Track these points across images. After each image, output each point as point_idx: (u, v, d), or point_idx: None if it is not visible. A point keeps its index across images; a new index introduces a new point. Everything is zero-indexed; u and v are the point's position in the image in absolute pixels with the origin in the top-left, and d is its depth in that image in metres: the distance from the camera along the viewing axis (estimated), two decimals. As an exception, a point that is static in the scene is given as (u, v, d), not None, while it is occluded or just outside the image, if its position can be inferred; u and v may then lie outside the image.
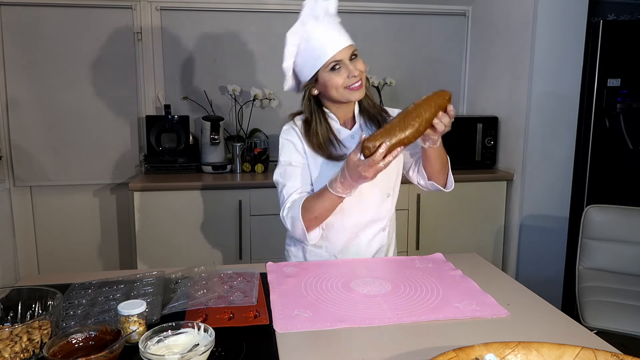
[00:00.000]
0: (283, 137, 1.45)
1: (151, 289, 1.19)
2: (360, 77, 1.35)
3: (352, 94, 1.36)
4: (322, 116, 1.42)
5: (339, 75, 1.33)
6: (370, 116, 1.46)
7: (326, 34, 1.33)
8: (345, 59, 1.33)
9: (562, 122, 2.61)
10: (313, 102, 1.42)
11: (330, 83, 1.34)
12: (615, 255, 2.20)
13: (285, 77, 1.44)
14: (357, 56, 1.36)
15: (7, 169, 2.79)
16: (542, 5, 2.48)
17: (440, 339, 0.98)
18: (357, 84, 1.35)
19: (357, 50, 1.36)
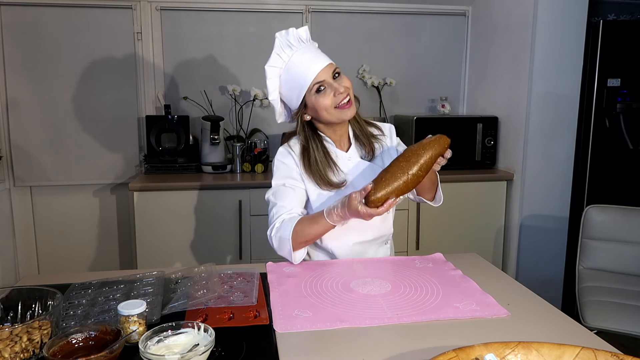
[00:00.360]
0: (279, 160, 1.45)
1: (151, 289, 1.19)
2: (348, 93, 1.35)
3: (343, 113, 1.35)
4: (318, 141, 1.42)
5: (325, 96, 1.33)
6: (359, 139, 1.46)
7: (303, 58, 1.33)
8: (327, 78, 1.33)
9: (562, 122, 2.61)
10: (308, 128, 1.42)
11: (319, 106, 1.34)
12: (615, 255, 2.20)
13: (275, 110, 1.45)
14: (340, 74, 1.36)
15: (7, 169, 2.79)
16: (542, 5, 2.48)
17: (440, 339, 0.98)
18: (346, 100, 1.34)
19: (339, 68, 1.36)
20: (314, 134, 1.42)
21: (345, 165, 1.44)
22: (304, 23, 2.94)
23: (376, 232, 1.47)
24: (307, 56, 1.34)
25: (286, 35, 1.35)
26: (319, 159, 1.39)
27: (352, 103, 1.36)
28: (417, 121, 2.76)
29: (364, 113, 1.55)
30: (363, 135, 1.46)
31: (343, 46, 3.01)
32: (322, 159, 1.40)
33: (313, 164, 1.39)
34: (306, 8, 2.94)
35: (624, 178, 2.67)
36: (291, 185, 1.41)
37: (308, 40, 1.38)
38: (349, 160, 1.44)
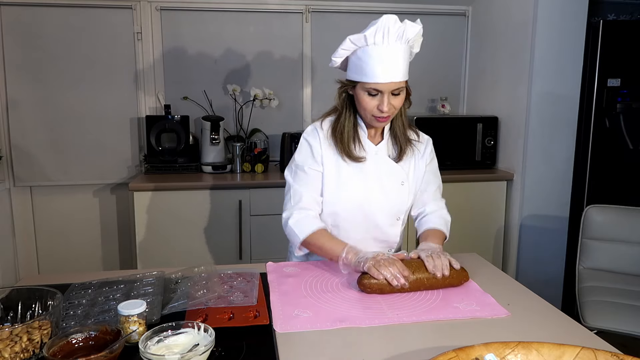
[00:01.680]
0: (304, 137, 1.44)
1: (151, 289, 1.19)
2: (390, 114, 1.34)
3: (375, 122, 1.36)
4: (352, 114, 1.41)
5: (372, 100, 1.32)
6: (396, 137, 1.45)
7: (384, 58, 1.29)
8: (386, 91, 1.31)
9: (562, 122, 2.61)
10: (347, 97, 1.40)
11: (361, 102, 1.34)
12: (615, 255, 2.20)
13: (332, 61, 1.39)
14: (400, 93, 1.35)
15: (7, 169, 2.79)
16: (542, 5, 2.48)
17: (440, 339, 0.98)
18: (383, 119, 1.34)
19: (404, 86, 1.35)
20: (350, 105, 1.41)
21: (371, 159, 1.42)
22: (304, 23, 2.94)
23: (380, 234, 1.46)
24: (388, 60, 1.29)
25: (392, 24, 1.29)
26: (347, 128, 1.39)
27: (389, 119, 1.37)
28: (417, 121, 2.76)
29: None
30: (401, 134, 1.44)
31: (343, 46, 3.01)
32: (350, 130, 1.39)
33: (338, 132, 1.39)
34: (306, 8, 2.94)
35: (624, 178, 2.67)
36: (310, 169, 1.40)
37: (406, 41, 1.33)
38: (375, 154, 1.43)
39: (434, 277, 1.20)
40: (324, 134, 1.42)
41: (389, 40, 1.28)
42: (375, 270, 1.18)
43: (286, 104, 3.03)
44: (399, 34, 1.29)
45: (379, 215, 1.43)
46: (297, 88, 3.03)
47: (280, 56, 2.99)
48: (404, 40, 1.31)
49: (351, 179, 1.40)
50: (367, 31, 1.28)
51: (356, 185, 1.40)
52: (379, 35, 1.28)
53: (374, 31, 1.28)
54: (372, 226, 1.44)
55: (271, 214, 2.55)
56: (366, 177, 1.40)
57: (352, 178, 1.40)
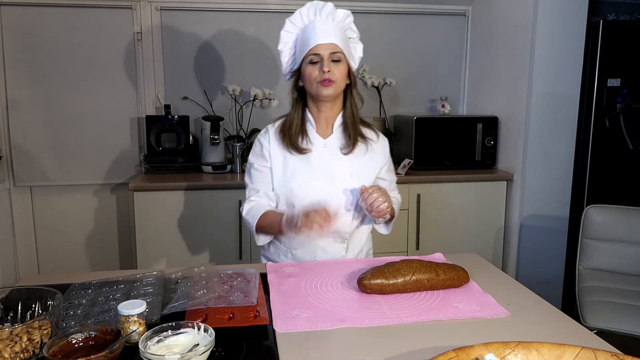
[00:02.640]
0: (257, 137, 1.56)
1: (151, 289, 1.19)
2: (331, 78, 1.41)
3: (322, 89, 1.43)
4: (301, 110, 1.52)
5: (314, 68, 1.42)
6: (347, 130, 1.52)
7: (317, 28, 1.42)
8: (325, 55, 1.41)
9: (562, 122, 2.61)
10: (298, 95, 1.53)
11: (306, 75, 1.44)
12: (615, 255, 2.20)
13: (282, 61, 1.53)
14: (341, 61, 1.43)
15: (7, 169, 2.79)
16: (542, 5, 2.48)
17: (440, 339, 0.98)
18: (327, 82, 1.41)
19: (343, 55, 1.43)
20: (300, 101, 1.52)
21: (319, 151, 1.49)
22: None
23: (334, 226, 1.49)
24: (322, 28, 1.42)
25: (321, 6, 1.44)
26: (295, 121, 1.50)
27: (334, 86, 1.43)
28: (417, 121, 2.76)
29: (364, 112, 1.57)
30: (352, 127, 1.50)
31: (343, 46, 3.01)
32: (298, 123, 1.50)
33: (286, 126, 1.50)
34: (306, 8, 2.94)
35: (624, 178, 2.67)
36: (260, 167, 1.52)
37: (339, 22, 1.46)
38: (324, 147, 1.50)
39: (434, 278, 1.20)
40: (274, 131, 1.53)
41: (320, 17, 1.44)
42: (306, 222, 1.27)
43: (286, 104, 3.00)
44: (327, 13, 1.44)
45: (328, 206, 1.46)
46: (297, 88, 3.03)
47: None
48: (335, 20, 1.45)
49: (299, 171, 1.47)
50: (301, 9, 1.46)
51: (303, 177, 1.47)
52: (311, 11, 1.45)
53: (306, 9, 1.46)
54: None
55: (271, 214, 2.55)
56: (313, 169, 1.48)
57: (300, 170, 1.48)
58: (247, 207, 1.49)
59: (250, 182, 1.54)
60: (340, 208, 1.47)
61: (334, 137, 1.51)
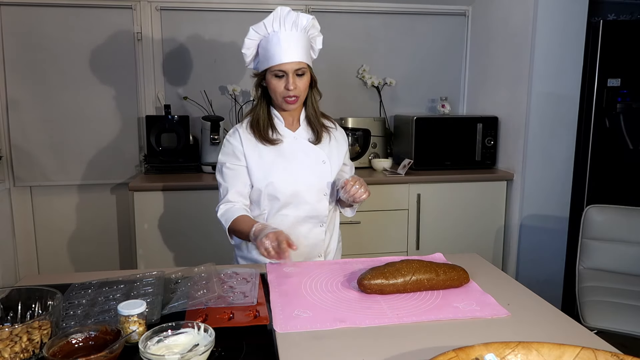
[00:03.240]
0: (226, 138, 1.59)
1: (151, 289, 1.19)
2: (296, 94, 1.48)
3: (286, 105, 1.51)
4: (265, 104, 1.56)
5: (279, 83, 1.47)
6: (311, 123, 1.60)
7: (284, 42, 1.44)
8: (290, 72, 1.45)
9: (562, 122, 2.61)
10: (261, 91, 1.56)
11: (271, 87, 1.49)
12: (615, 255, 2.20)
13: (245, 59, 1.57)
14: (304, 74, 1.48)
15: (7, 169, 2.79)
16: (542, 5, 2.48)
17: (440, 339, 0.98)
18: (292, 99, 1.48)
19: (307, 69, 1.49)
20: (264, 97, 1.57)
21: (291, 143, 1.55)
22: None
23: (310, 210, 1.56)
24: (286, 43, 1.44)
25: (285, 15, 1.45)
26: (262, 117, 1.54)
27: (298, 101, 1.50)
28: (417, 121, 2.76)
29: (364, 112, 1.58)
30: (315, 121, 1.59)
31: (343, 46, 3.01)
32: (265, 118, 1.55)
33: (254, 122, 1.55)
34: (306, 8, 2.95)
35: (624, 178, 2.67)
36: (233, 165, 1.55)
37: (303, 29, 1.48)
38: (294, 139, 1.56)
39: (434, 278, 1.20)
40: (243, 130, 1.56)
41: (285, 27, 1.46)
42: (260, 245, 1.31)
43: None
44: (292, 21, 1.45)
45: (306, 193, 1.54)
46: (297, 88, 3.04)
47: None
48: (299, 28, 1.46)
49: (275, 164, 1.53)
50: (266, 20, 1.47)
51: (281, 168, 1.52)
52: (276, 23, 1.46)
53: (271, 20, 1.46)
54: (303, 203, 1.55)
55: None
56: (288, 159, 1.54)
57: (276, 162, 1.53)
58: (222, 209, 1.53)
59: (223, 181, 1.56)
60: (319, 194, 1.56)
61: (302, 129, 1.58)
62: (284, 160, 1.53)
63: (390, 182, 2.64)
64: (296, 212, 1.55)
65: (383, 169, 2.80)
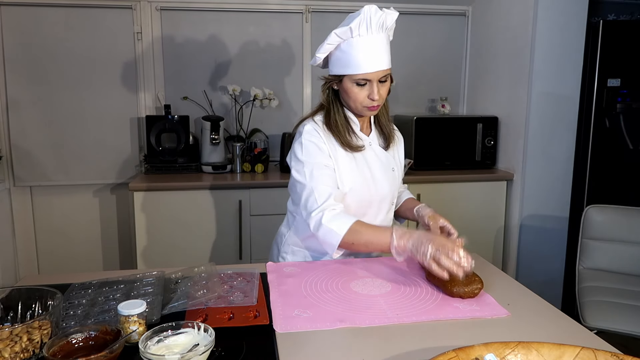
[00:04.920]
0: (307, 139, 1.38)
1: (151, 289, 1.19)
2: (380, 103, 1.38)
3: (366, 112, 1.40)
4: (340, 107, 1.43)
5: (362, 91, 1.34)
6: (382, 126, 1.51)
7: (369, 48, 1.31)
8: (374, 80, 1.33)
9: (562, 122, 2.61)
10: (332, 93, 1.43)
11: (351, 94, 1.36)
12: (615, 255, 2.20)
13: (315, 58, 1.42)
14: (387, 80, 1.37)
15: (7, 169, 2.79)
16: (542, 5, 2.48)
17: (440, 339, 0.98)
18: (374, 108, 1.38)
19: (389, 73, 1.37)
20: (336, 99, 1.43)
21: (367, 149, 1.46)
22: (304, 23, 2.94)
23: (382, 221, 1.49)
24: (373, 48, 1.31)
25: (373, 15, 1.29)
26: (340, 121, 1.41)
27: (379, 107, 1.40)
28: (417, 121, 2.76)
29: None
30: (386, 123, 1.50)
31: (343, 46, 3.01)
32: (343, 123, 1.42)
33: (333, 126, 1.41)
34: (306, 8, 2.94)
35: (624, 178, 2.67)
36: (326, 166, 1.36)
37: (388, 29, 1.35)
38: (370, 144, 1.47)
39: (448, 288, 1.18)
40: (322, 130, 1.41)
41: (372, 30, 1.30)
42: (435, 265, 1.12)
43: (286, 104, 3.03)
44: (380, 24, 1.31)
45: (381, 203, 1.47)
46: (297, 88, 3.04)
47: (280, 56, 2.99)
48: (384, 29, 1.34)
49: (352, 170, 1.41)
50: (352, 23, 1.29)
51: (358, 175, 1.42)
52: (363, 26, 1.30)
53: (358, 23, 1.29)
54: (376, 214, 1.47)
55: (271, 214, 2.55)
56: (364, 167, 1.43)
57: (353, 169, 1.41)
58: (328, 216, 1.28)
59: (317, 182, 1.33)
60: (390, 203, 1.50)
61: (374, 134, 1.50)
62: (358, 167, 1.42)
63: (390, 182, 2.64)
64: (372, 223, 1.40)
65: (383, 169, 2.80)
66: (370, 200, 1.44)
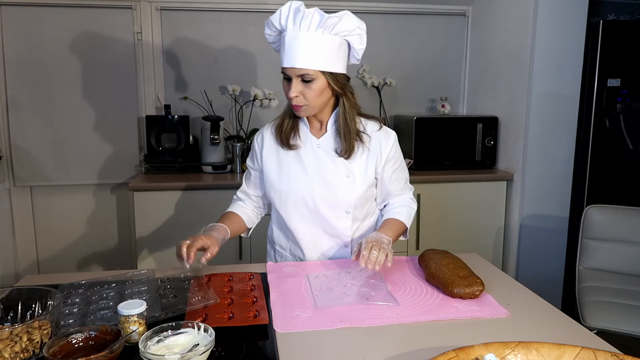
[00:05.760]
0: (254, 139, 1.55)
1: (145, 287, 1.20)
2: (299, 103, 1.33)
3: (294, 110, 1.38)
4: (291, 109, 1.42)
5: (287, 86, 1.34)
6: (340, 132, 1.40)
7: (287, 43, 1.30)
8: (294, 77, 1.31)
9: (562, 122, 2.61)
10: None
11: (283, 87, 1.37)
12: (615, 255, 2.20)
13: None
14: (312, 81, 1.30)
15: (7, 169, 2.79)
16: (542, 5, 2.48)
17: (440, 339, 0.98)
18: (297, 107, 1.34)
19: (318, 76, 1.30)
20: None
21: (311, 151, 1.42)
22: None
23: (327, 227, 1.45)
24: (291, 45, 1.29)
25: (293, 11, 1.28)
26: (286, 120, 1.44)
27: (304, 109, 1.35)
28: (417, 121, 2.76)
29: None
30: (345, 130, 1.39)
31: (343, 46, 3.01)
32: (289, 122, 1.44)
33: (279, 123, 1.46)
34: (306, 8, 2.94)
35: (624, 178, 2.67)
36: (250, 169, 1.55)
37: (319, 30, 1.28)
38: (318, 147, 1.42)
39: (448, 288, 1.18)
40: (267, 132, 1.49)
41: (293, 26, 1.29)
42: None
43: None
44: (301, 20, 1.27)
45: (323, 208, 1.42)
46: (297, 88, 3.04)
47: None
48: (312, 28, 1.27)
49: (293, 170, 1.43)
50: (272, 16, 1.33)
51: (297, 177, 1.42)
52: (283, 19, 1.31)
53: (278, 16, 1.31)
54: (319, 218, 1.43)
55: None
56: (307, 169, 1.42)
57: (294, 169, 1.43)
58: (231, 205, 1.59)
59: (244, 182, 1.60)
60: (337, 210, 1.42)
61: (328, 136, 1.42)
62: (301, 168, 1.42)
63: (390, 182, 2.64)
64: (313, 227, 1.45)
65: (383, 169, 2.80)
66: (310, 203, 1.41)
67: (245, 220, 1.56)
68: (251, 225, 1.60)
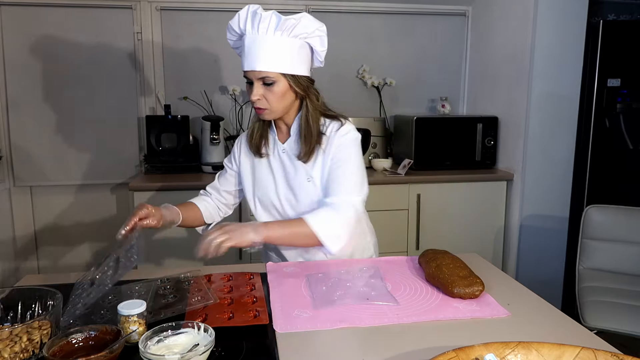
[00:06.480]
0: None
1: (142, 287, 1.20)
2: (261, 106, 1.32)
3: (258, 113, 1.37)
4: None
5: (249, 90, 1.35)
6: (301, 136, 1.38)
7: (246, 46, 1.31)
8: (255, 80, 1.31)
9: (562, 122, 2.61)
10: None
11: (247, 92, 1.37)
12: (615, 255, 2.20)
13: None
14: (273, 84, 1.29)
15: (7, 169, 2.79)
16: (542, 5, 2.48)
17: (440, 339, 0.98)
18: (259, 110, 1.34)
19: (279, 79, 1.29)
20: None
21: (279, 156, 1.44)
22: (304, 23, 2.93)
23: None
24: (251, 49, 1.30)
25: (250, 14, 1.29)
26: (256, 127, 1.46)
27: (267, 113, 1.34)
28: (417, 121, 2.76)
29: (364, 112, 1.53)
30: (306, 134, 1.37)
31: (343, 46, 3.01)
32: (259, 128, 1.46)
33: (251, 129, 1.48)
34: (306, 8, 2.94)
35: (624, 178, 2.67)
36: (225, 166, 1.57)
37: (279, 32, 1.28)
38: (282, 152, 1.44)
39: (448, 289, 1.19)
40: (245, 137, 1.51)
41: (250, 29, 1.30)
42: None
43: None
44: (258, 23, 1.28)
45: (290, 212, 1.45)
46: (297, 88, 3.04)
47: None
48: (271, 31, 1.28)
49: (264, 177, 1.47)
50: (231, 20, 1.35)
51: (267, 184, 1.46)
52: (242, 23, 1.32)
53: (236, 20, 1.33)
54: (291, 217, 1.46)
55: (271, 214, 2.55)
56: (275, 176, 1.45)
57: (265, 176, 1.46)
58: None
59: (216, 179, 1.59)
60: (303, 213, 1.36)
61: (292, 141, 1.41)
62: (271, 175, 1.45)
63: (390, 182, 2.64)
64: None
65: (383, 169, 2.80)
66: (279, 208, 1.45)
67: (204, 214, 1.55)
68: (210, 221, 1.57)
